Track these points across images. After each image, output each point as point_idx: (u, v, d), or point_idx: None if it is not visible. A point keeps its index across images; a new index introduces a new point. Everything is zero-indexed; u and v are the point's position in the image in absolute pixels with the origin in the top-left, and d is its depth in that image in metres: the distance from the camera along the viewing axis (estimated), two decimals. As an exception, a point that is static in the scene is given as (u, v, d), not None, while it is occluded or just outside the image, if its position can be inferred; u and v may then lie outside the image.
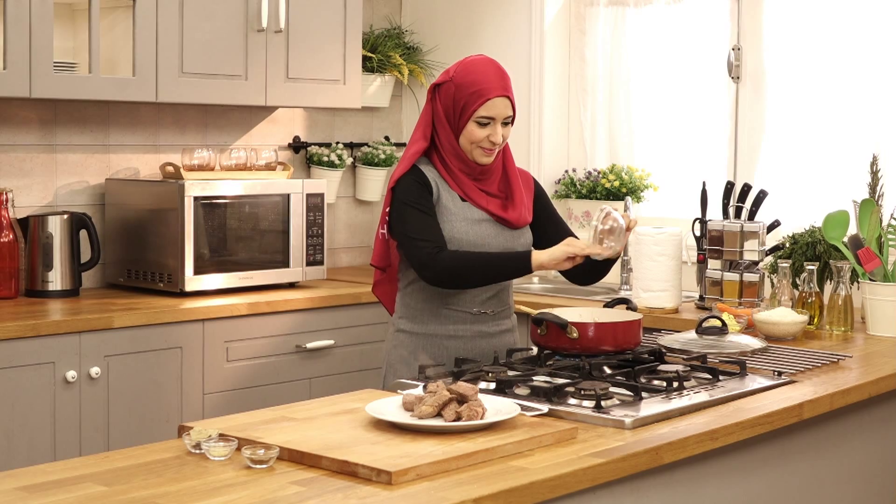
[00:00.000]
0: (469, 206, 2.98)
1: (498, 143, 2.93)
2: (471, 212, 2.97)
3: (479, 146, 2.94)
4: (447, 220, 2.94)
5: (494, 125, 2.92)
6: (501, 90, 2.92)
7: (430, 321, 2.99)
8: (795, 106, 4.35)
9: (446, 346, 2.99)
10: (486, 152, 2.95)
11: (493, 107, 2.91)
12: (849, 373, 2.96)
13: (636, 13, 4.75)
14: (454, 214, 2.96)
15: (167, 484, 1.94)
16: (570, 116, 4.99)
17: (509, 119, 2.95)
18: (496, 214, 2.98)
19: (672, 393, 2.57)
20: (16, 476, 1.99)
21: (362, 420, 2.29)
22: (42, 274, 4.02)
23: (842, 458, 2.94)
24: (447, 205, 2.96)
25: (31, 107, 4.15)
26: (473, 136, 2.93)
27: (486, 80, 2.93)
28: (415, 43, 5.23)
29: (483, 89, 2.92)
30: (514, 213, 3.00)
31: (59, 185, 4.23)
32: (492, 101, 2.91)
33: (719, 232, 3.87)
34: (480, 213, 2.98)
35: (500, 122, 2.93)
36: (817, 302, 3.58)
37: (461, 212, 2.97)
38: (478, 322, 3.00)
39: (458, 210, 2.96)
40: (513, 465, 2.07)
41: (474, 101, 2.91)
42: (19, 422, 3.50)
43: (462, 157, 2.97)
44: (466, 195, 2.98)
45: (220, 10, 4.21)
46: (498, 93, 2.92)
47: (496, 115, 2.92)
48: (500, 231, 2.98)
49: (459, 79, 2.95)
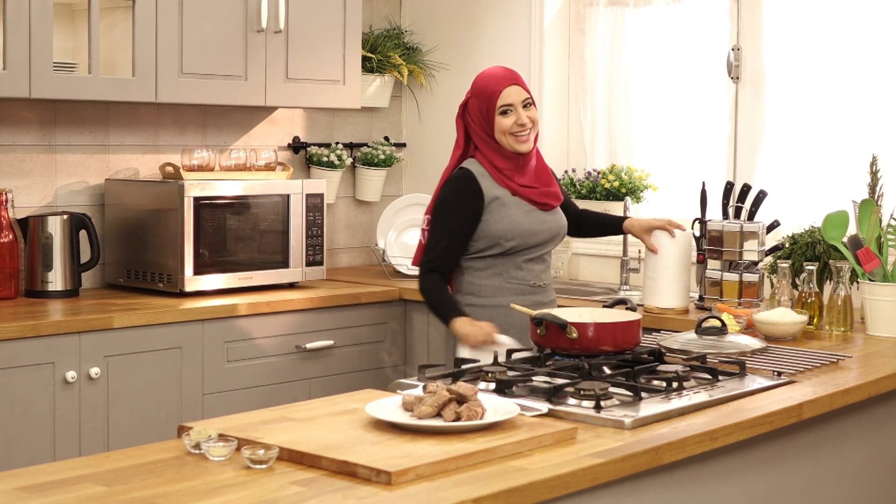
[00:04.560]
0: (519, 200, 3.38)
1: (525, 123, 3.34)
2: (521, 205, 3.39)
3: (510, 134, 3.34)
4: (506, 214, 3.36)
5: (516, 110, 3.34)
6: (509, 80, 3.36)
7: (495, 294, 3.38)
8: (795, 106, 4.35)
9: (509, 314, 3.23)
10: (520, 139, 3.35)
11: (508, 95, 3.34)
12: (848, 373, 2.96)
13: (636, 13, 4.75)
14: (510, 208, 3.37)
15: (167, 484, 1.94)
16: (569, 116, 4.98)
17: (528, 101, 3.37)
18: (539, 202, 3.41)
19: (671, 393, 2.57)
20: (15, 476, 1.99)
21: (362, 420, 2.29)
22: (42, 274, 4.02)
23: (841, 459, 2.94)
24: (504, 199, 3.37)
25: (31, 107, 4.15)
26: (503, 126, 3.34)
27: (495, 78, 3.39)
28: (414, 43, 5.23)
29: (494, 85, 3.37)
30: (550, 196, 3.45)
31: (59, 185, 4.24)
32: (504, 90, 3.35)
33: (719, 232, 3.87)
34: (528, 205, 3.40)
35: (519, 106, 3.34)
36: (817, 302, 3.58)
37: (514, 206, 3.37)
38: (535, 293, 3.40)
39: (513, 203, 3.37)
40: (512, 465, 2.07)
41: (492, 97, 3.35)
42: (19, 422, 3.50)
43: (505, 153, 3.38)
44: (515, 191, 3.39)
45: (220, 10, 4.21)
46: (507, 83, 3.36)
47: (513, 101, 3.34)
48: (545, 216, 3.42)
49: (476, 90, 3.40)
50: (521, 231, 3.37)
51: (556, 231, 3.47)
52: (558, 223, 3.48)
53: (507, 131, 3.35)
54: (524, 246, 3.39)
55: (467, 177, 3.37)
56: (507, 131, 3.35)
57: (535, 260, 3.43)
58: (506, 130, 3.35)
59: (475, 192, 3.35)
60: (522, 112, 3.35)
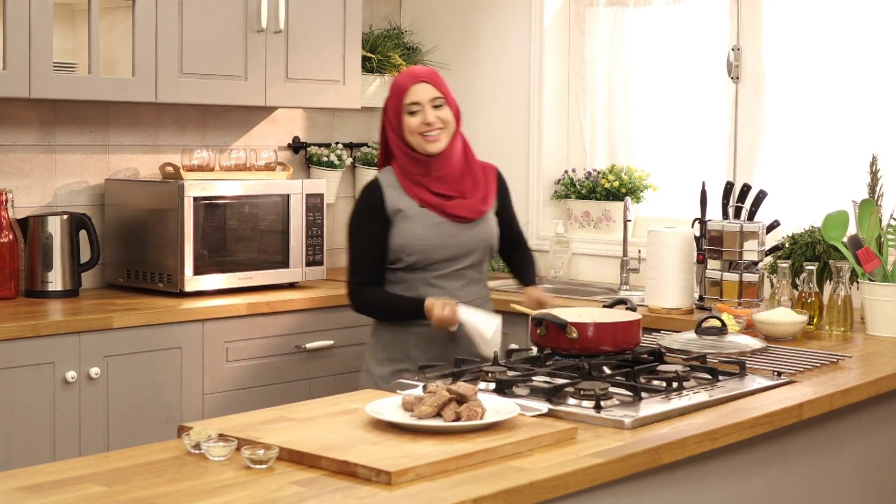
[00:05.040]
0: (427, 212, 3.20)
1: (432, 122, 3.17)
2: (429, 216, 3.21)
3: (419, 134, 3.18)
4: (406, 227, 3.19)
5: (424, 109, 3.18)
6: (420, 78, 3.21)
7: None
8: (795, 106, 4.35)
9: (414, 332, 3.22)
10: (428, 139, 3.18)
11: (415, 93, 3.19)
12: (848, 373, 2.96)
13: (636, 13, 4.75)
14: (412, 221, 3.20)
15: (167, 484, 1.94)
16: (569, 116, 4.99)
17: (439, 101, 3.19)
18: (451, 213, 3.21)
19: (671, 393, 2.57)
20: (15, 476, 1.99)
21: (362, 420, 2.28)
22: (42, 274, 4.02)
23: (841, 459, 2.94)
24: (407, 212, 3.20)
25: (31, 107, 4.15)
26: (410, 125, 3.19)
27: (406, 76, 3.25)
28: (414, 43, 5.23)
29: (403, 82, 3.22)
30: (465, 208, 3.23)
31: (59, 185, 4.23)
32: (411, 88, 3.19)
33: (719, 232, 3.87)
34: (436, 217, 3.21)
35: (427, 105, 3.18)
36: (817, 302, 3.58)
37: (419, 217, 3.20)
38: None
39: (417, 216, 3.20)
40: (512, 465, 2.07)
41: (400, 95, 3.20)
42: (19, 422, 3.50)
43: (417, 157, 3.21)
44: (424, 201, 3.21)
45: (220, 10, 4.21)
46: (415, 80, 3.20)
47: (420, 98, 3.18)
48: (460, 229, 3.22)
49: (390, 90, 3.26)
50: (423, 246, 3.19)
51: (472, 246, 3.25)
52: (478, 237, 3.26)
53: (415, 131, 3.19)
54: (428, 261, 3.21)
55: (371, 190, 3.25)
56: (415, 131, 3.19)
57: (449, 276, 3.24)
58: (413, 130, 3.19)
59: (378, 205, 3.21)
60: (430, 111, 3.18)
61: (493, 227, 3.31)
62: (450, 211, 3.21)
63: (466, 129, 5.11)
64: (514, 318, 4.07)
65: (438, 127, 3.19)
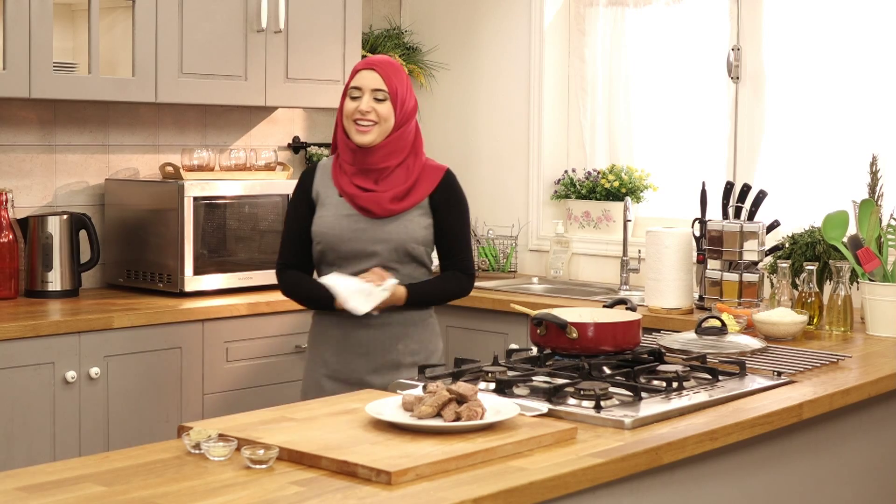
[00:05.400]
0: (343, 202, 3.13)
1: (366, 111, 3.06)
2: (343, 207, 3.13)
3: (352, 120, 3.08)
4: (321, 214, 3.14)
5: (363, 96, 3.07)
6: (370, 65, 3.11)
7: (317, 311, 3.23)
8: (795, 106, 4.35)
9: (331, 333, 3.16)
10: (359, 128, 3.07)
11: (361, 77, 3.09)
12: (848, 373, 2.96)
13: (636, 13, 4.75)
14: (326, 209, 3.14)
15: (167, 484, 1.94)
16: (569, 116, 4.98)
17: (381, 94, 3.07)
18: (360, 206, 3.11)
19: (671, 393, 2.57)
20: (15, 476, 1.99)
21: (362, 420, 2.28)
22: (42, 274, 4.02)
23: (841, 459, 2.94)
24: (325, 200, 3.15)
25: (31, 107, 4.15)
26: (347, 109, 3.10)
27: (362, 61, 3.17)
28: (414, 43, 5.23)
29: (356, 66, 3.15)
30: (375, 203, 3.10)
31: (59, 185, 4.23)
32: (360, 72, 3.10)
33: (719, 232, 3.87)
34: (350, 208, 3.13)
35: (368, 93, 3.07)
36: (817, 302, 3.58)
37: (335, 206, 3.13)
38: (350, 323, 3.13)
39: (332, 205, 3.14)
40: (512, 465, 2.06)
41: (349, 78, 3.14)
42: (19, 422, 3.50)
43: (350, 146, 3.11)
44: (342, 190, 3.13)
45: (220, 10, 4.21)
46: (366, 66, 3.11)
47: (363, 85, 3.08)
48: (369, 225, 3.11)
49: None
50: (329, 236, 3.11)
51: (378, 244, 3.10)
52: (386, 235, 3.11)
53: (349, 116, 3.08)
54: (335, 253, 3.12)
55: (305, 173, 3.23)
56: (349, 116, 3.08)
57: (357, 276, 3.10)
58: (348, 115, 3.09)
59: (307, 188, 3.18)
60: (368, 100, 3.06)
61: (410, 228, 3.12)
62: (359, 203, 3.11)
63: (467, 128, 5.15)
64: (513, 317, 4.08)
65: (371, 120, 3.07)
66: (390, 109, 3.08)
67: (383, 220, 3.10)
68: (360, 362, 3.13)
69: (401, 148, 3.12)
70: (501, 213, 5.01)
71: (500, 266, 4.84)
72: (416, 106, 3.18)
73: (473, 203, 5.07)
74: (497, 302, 4.25)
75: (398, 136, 3.11)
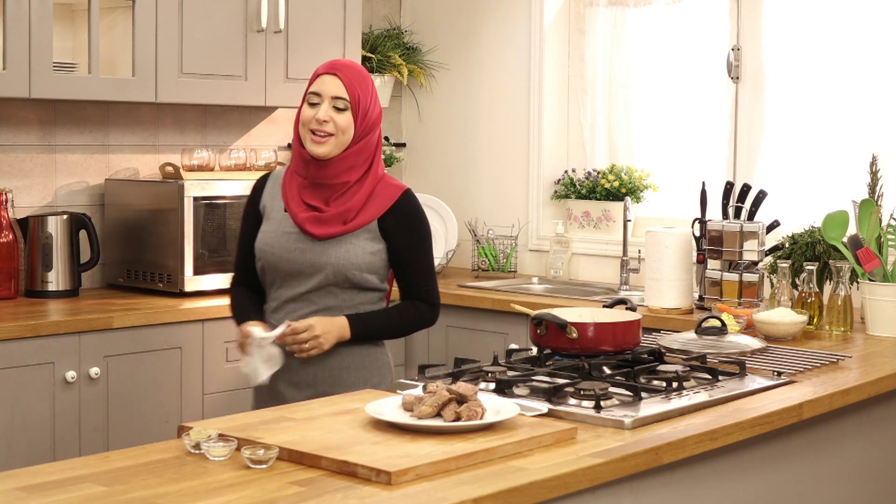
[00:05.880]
0: (287, 218, 2.92)
1: (324, 120, 2.84)
2: (286, 223, 2.92)
3: (308, 129, 2.86)
4: (263, 229, 2.95)
5: (321, 104, 2.86)
6: (333, 69, 2.90)
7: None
8: (795, 106, 4.35)
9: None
10: (315, 138, 2.85)
11: (322, 82, 2.88)
12: (848, 373, 2.96)
13: (636, 13, 4.75)
14: (270, 224, 2.94)
15: (167, 484, 1.94)
16: (569, 116, 4.99)
17: (341, 104, 2.85)
18: (300, 225, 2.89)
19: (671, 393, 2.57)
20: (15, 476, 1.99)
21: (362, 420, 2.28)
22: (42, 274, 4.02)
23: (841, 459, 2.94)
24: (270, 214, 2.96)
25: (31, 107, 4.15)
26: (304, 116, 2.88)
27: (326, 63, 2.95)
28: (414, 43, 5.23)
29: (318, 69, 2.94)
30: (316, 223, 2.88)
31: (59, 185, 4.23)
32: (322, 77, 2.90)
33: (719, 232, 3.87)
34: (292, 226, 2.91)
35: (328, 101, 2.86)
36: (817, 302, 3.58)
37: (278, 223, 2.93)
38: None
39: (276, 221, 2.94)
40: (512, 465, 2.07)
41: (309, 82, 2.93)
42: (19, 422, 3.50)
43: (304, 156, 2.89)
44: (287, 205, 2.92)
45: (220, 10, 4.21)
46: (328, 70, 2.90)
47: (323, 91, 2.87)
48: (309, 245, 2.88)
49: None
50: (268, 253, 2.91)
51: (318, 267, 2.87)
52: (327, 259, 2.87)
53: (306, 124, 2.86)
54: (273, 272, 2.92)
55: (259, 181, 3.03)
56: (306, 124, 2.86)
57: (297, 299, 2.91)
58: (305, 122, 2.87)
59: (256, 197, 3.00)
60: (327, 109, 2.84)
61: (352, 254, 2.88)
62: (299, 222, 2.89)
63: (467, 128, 5.15)
64: (513, 317, 4.08)
65: (327, 131, 2.84)
66: (350, 121, 2.86)
67: (324, 242, 2.88)
68: (308, 392, 2.88)
69: (360, 162, 2.89)
70: (501, 212, 5.01)
71: (500, 266, 4.84)
72: (381, 116, 2.96)
73: (474, 203, 5.10)
74: (497, 302, 4.25)
75: (357, 150, 2.88)
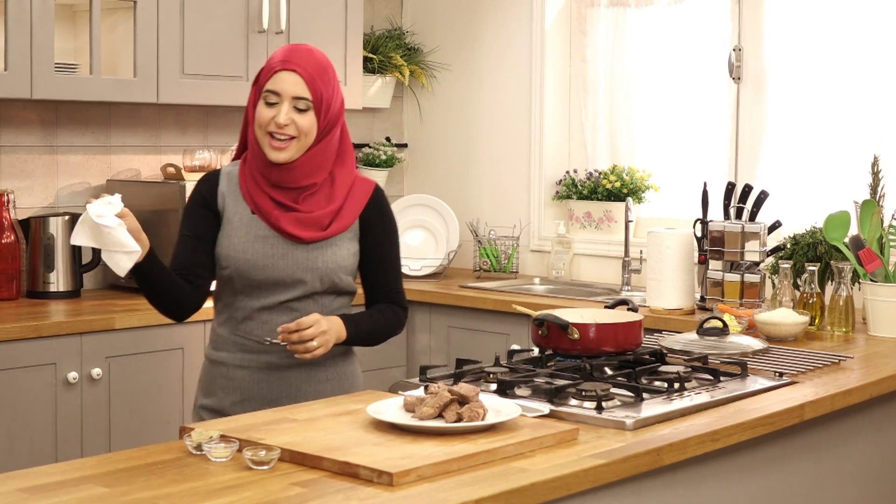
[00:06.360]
0: (257, 220, 2.66)
1: (284, 125, 2.59)
2: (257, 226, 2.66)
3: (267, 132, 2.61)
4: (227, 235, 2.67)
5: (281, 104, 2.59)
6: (293, 65, 2.59)
7: (220, 348, 2.77)
8: (796, 106, 4.35)
9: (232, 376, 2.74)
10: (274, 144, 2.60)
11: (280, 80, 2.59)
12: (850, 374, 2.96)
13: (637, 14, 4.75)
14: (236, 229, 2.67)
15: (168, 485, 1.94)
16: (570, 117, 4.99)
17: (304, 104, 2.60)
18: (280, 228, 2.64)
19: (673, 394, 2.57)
20: (17, 477, 1.99)
21: (363, 421, 2.28)
22: (43, 275, 4.03)
23: (843, 459, 2.94)
24: (231, 218, 2.68)
25: (33, 108, 4.15)
26: (261, 117, 2.62)
27: (283, 55, 2.63)
28: (416, 44, 5.23)
29: (273, 63, 2.63)
30: (301, 225, 2.65)
31: (61, 186, 4.24)
32: (279, 74, 2.60)
33: (720, 233, 3.87)
34: (267, 229, 2.66)
35: (288, 101, 2.59)
36: (818, 303, 3.58)
37: (245, 227, 2.67)
38: (268, 353, 2.69)
39: (243, 224, 2.67)
40: (514, 466, 2.07)
41: (264, 75, 2.63)
42: (21, 423, 3.50)
43: (266, 159, 2.65)
44: (257, 206, 2.67)
45: (221, 11, 4.21)
46: (287, 66, 2.60)
47: (282, 90, 2.59)
48: (290, 249, 2.66)
49: (268, 60, 2.66)
50: (240, 261, 2.64)
51: (301, 274, 2.66)
52: (312, 264, 2.67)
53: (264, 126, 2.61)
54: (244, 282, 2.67)
55: (207, 178, 2.75)
56: (264, 126, 2.61)
57: (276, 309, 2.68)
58: (262, 124, 2.61)
59: (209, 195, 2.71)
60: (287, 110, 2.59)
61: (340, 256, 2.70)
62: (279, 224, 2.64)
63: (468, 129, 5.15)
64: (515, 318, 4.08)
65: (289, 134, 2.60)
66: (313, 121, 2.61)
67: (308, 246, 2.66)
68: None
69: (324, 161, 2.67)
70: (503, 213, 5.01)
71: (502, 267, 4.84)
72: (343, 104, 2.71)
73: (475, 203, 5.10)
74: (499, 302, 4.25)
75: (321, 149, 2.66)
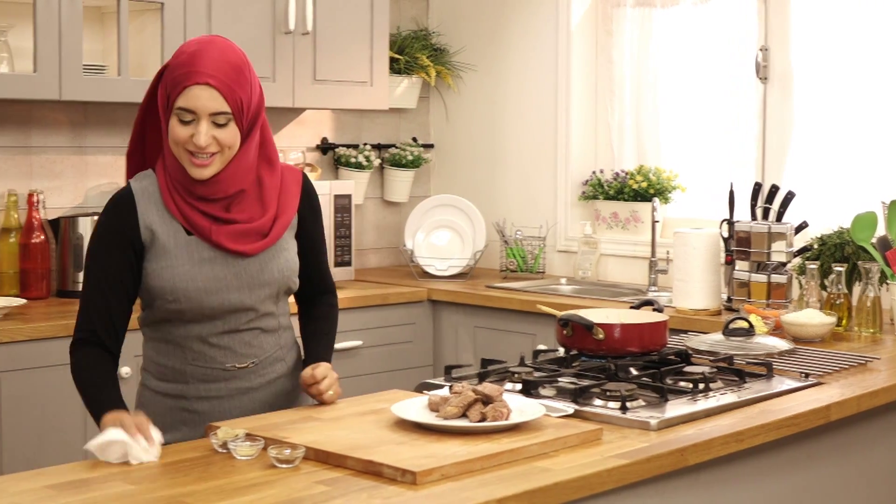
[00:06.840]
0: (196, 241, 2.37)
1: (204, 146, 2.30)
2: (199, 248, 2.37)
3: (185, 150, 2.32)
4: (168, 265, 2.36)
5: (198, 122, 2.29)
6: (204, 76, 2.29)
7: (176, 379, 2.47)
8: (823, 106, 4.32)
9: (196, 409, 2.46)
10: (196, 161, 2.31)
11: (193, 97, 2.29)
12: (877, 375, 2.94)
13: (663, 14, 4.74)
14: (176, 256, 2.36)
15: (194, 483, 1.96)
16: (597, 117, 4.98)
17: (224, 118, 2.31)
18: (218, 244, 2.37)
19: (698, 394, 2.57)
20: (45, 474, 2.02)
21: (388, 420, 2.29)
22: (73, 274, 4.06)
23: (869, 461, 2.93)
24: (166, 244, 2.36)
25: (62, 109, 4.19)
26: (175, 135, 2.32)
27: (194, 62, 2.30)
28: (442, 44, 5.24)
29: (185, 74, 2.30)
30: (238, 238, 2.37)
31: (90, 186, 4.27)
32: (191, 90, 2.28)
33: (747, 233, 3.86)
34: (210, 249, 2.38)
35: (205, 119, 2.30)
36: (845, 303, 3.56)
37: (184, 250, 2.37)
38: (231, 378, 2.45)
39: (180, 249, 2.37)
40: (537, 465, 2.07)
41: (173, 85, 2.32)
42: (50, 421, 3.53)
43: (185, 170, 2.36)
44: (192, 225, 2.36)
45: (248, 12, 4.24)
46: (199, 79, 2.28)
47: (197, 107, 2.29)
48: (242, 267, 2.39)
49: (173, 61, 2.35)
50: (189, 291, 2.35)
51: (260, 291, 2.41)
52: (269, 276, 2.42)
53: (180, 144, 2.31)
54: (199, 311, 2.38)
55: (120, 203, 2.39)
56: (180, 144, 2.31)
57: (235, 333, 2.43)
58: (178, 142, 2.31)
59: (127, 224, 2.36)
60: (206, 128, 2.29)
61: (290, 259, 2.47)
62: (219, 241, 2.36)
63: (495, 129, 5.15)
64: (542, 318, 4.08)
65: (211, 152, 2.31)
66: (235, 132, 2.33)
67: (258, 258, 2.41)
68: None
69: (249, 164, 2.39)
70: (529, 213, 5.01)
71: (529, 267, 4.84)
72: (262, 97, 2.41)
73: (501, 203, 5.10)
74: (525, 303, 4.25)
75: (244, 152, 2.37)
